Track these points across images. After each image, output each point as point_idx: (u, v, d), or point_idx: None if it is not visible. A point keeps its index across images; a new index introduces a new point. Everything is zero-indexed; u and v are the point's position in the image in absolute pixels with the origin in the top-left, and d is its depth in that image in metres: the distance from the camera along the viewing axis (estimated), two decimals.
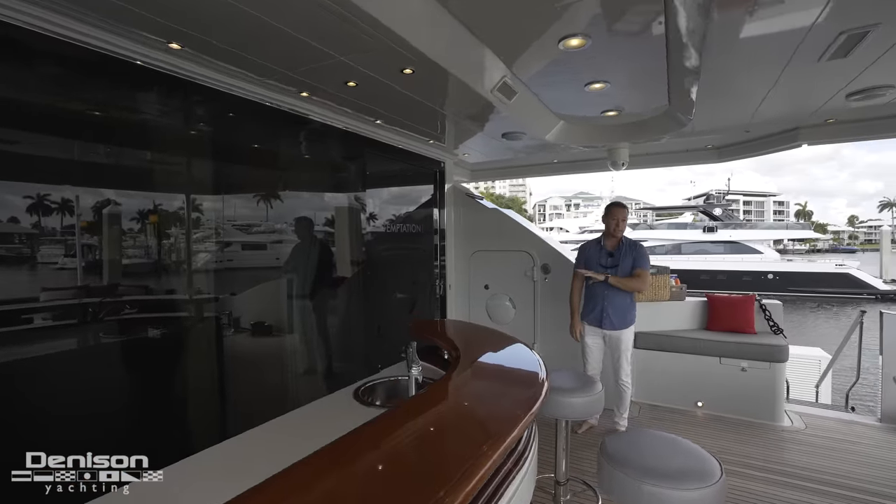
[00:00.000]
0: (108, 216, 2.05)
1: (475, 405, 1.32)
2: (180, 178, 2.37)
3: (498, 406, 1.31)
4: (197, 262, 2.45)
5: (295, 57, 2.16)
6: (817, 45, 2.06)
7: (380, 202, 3.96)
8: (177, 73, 2.13)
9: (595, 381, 2.30)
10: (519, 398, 1.31)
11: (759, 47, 2.17)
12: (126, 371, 2.11)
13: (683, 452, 1.50)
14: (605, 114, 3.45)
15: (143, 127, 2.20)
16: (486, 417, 1.25)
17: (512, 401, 1.32)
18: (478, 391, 1.44)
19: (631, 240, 3.48)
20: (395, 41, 1.95)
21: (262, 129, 2.83)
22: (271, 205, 3.00)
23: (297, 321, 3.18)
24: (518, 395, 1.36)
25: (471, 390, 1.43)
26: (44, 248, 1.89)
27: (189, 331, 2.40)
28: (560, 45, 2.24)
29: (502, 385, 1.51)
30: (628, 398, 3.55)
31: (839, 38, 1.93)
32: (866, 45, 2.02)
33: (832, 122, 3.47)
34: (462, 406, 1.31)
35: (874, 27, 1.87)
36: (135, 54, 1.96)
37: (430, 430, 1.17)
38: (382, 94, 2.69)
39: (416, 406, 1.24)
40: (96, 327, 2.02)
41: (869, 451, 3.25)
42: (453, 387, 1.42)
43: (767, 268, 25.10)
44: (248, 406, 2.55)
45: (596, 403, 2.19)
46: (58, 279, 1.93)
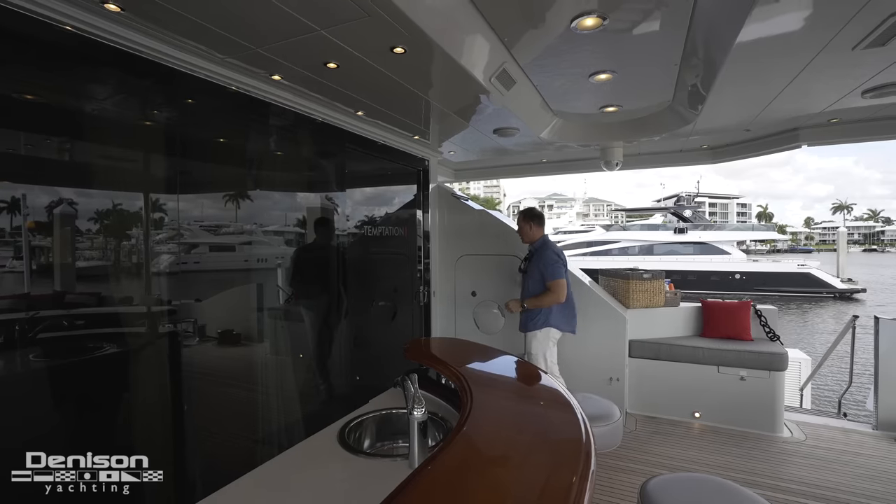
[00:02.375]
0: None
1: (511, 473, 0.99)
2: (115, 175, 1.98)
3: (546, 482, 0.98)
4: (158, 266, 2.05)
5: (265, 30, 1.81)
6: (860, 29, 1.86)
7: (359, 203, 3.62)
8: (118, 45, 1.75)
9: (613, 406, 2.04)
10: (565, 463, 1.00)
11: (788, 41, 1.96)
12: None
13: None
14: (605, 109, 3.23)
15: (76, 112, 1.81)
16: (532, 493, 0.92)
17: (560, 469, 1.00)
18: (508, 448, 1.12)
19: (543, 243, 3.41)
20: (387, 9, 1.63)
21: (225, 118, 2.45)
22: (238, 205, 2.62)
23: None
24: (562, 457, 1.04)
25: (499, 448, 1.11)
26: None
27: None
28: (573, 25, 1.97)
29: (537, 440, 1.17)
30: None
31: (890, 19, 1.73)
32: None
33: (836, 122, 3.36)
34: (496, 482, 0.98)
35: None
36: (63, 17, 1.57)
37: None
38: (367, 80, 2.35)
39: (430, 483, 0.90)
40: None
41: (875, 464, 3.14)
42: (474, 448, 1.09)
43: (735, 268, 25.95)
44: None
45: (616, 432, 1.94)
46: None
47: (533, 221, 3.49)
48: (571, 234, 34.14)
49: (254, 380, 2.70)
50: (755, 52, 2.12)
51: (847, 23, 1.78)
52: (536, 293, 3.31)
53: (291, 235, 3.01)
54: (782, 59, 2.21)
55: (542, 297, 3.25)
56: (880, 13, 1.71)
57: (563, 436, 1.12)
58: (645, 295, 4.16)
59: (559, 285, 3.20)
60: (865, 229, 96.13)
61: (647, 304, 4.16)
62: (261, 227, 2.79)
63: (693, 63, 2.42)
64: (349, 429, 1.53)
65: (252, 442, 2.56)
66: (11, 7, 1.46)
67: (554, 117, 3.39)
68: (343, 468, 1.29)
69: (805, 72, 2.33)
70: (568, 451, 1.02)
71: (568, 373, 3.96)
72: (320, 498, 1.15)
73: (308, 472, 1.26)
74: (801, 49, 2.10)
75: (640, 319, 4.10)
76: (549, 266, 3.25)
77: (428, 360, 1.79)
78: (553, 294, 3.20)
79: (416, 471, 0.88)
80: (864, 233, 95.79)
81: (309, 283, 3.15)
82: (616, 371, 3.84)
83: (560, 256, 3.32)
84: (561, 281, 3.21)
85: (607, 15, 1.92)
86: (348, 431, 1.51)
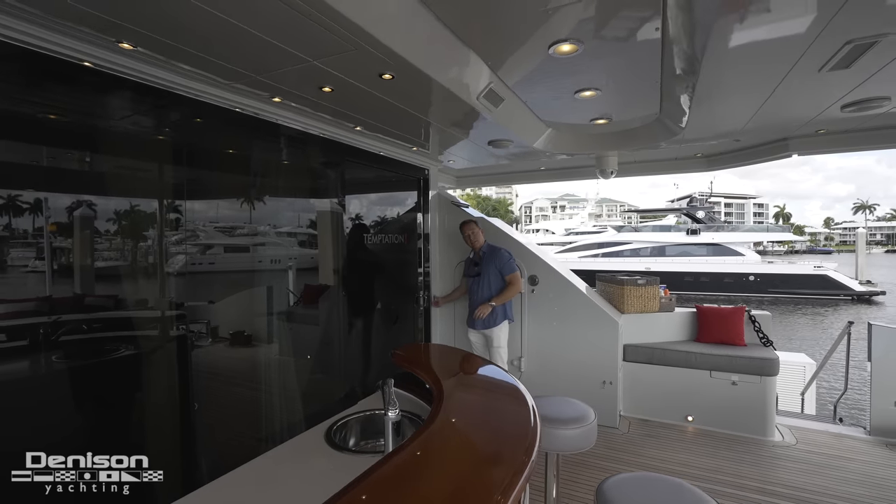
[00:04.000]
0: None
1: (457, 467, 1.15)
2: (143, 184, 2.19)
3: (485, 469, 1.14)
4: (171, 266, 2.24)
5: (264, 60, 1.97)
6: (822, 54, 1.95)
7: (360, 211, 3.79)
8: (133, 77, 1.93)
9: (587, 409, 2.16)
10: (508, 455, 1.14)
11: (759, 56, 2.06)
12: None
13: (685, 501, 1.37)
14: (595, 122, 3.33)
15: (107, 133, 2.02)
16: (469, 486, 1.08)
17: (502, 460, 1.16)
18: (461, 446, 1.27)
19: (491, 247, 3.88)
20: (372, 44, 1.78)
21: (232, 135, 2.63)
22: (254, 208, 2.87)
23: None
24: (509, 450, 1.19)
25: (453, 446, 1.26)
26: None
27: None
28: (550, 51, 2.10)
29: (489, 435, 1.33)
30: None
31: (845, 47, 1.83)
32: (870, 55, 1.93)
33: (823, 132, 3.41)
34: (443, 470, 1.13)
35: (883, 37, 1.77)
36: (82, 55, 1.75)
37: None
38: (361, 101, 2.51)
39: (390, 472, 1.06)
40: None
41: (865, 469, 3.19)
42: (433, 440, 1.24)
43: (749, 269, 25.56)
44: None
45: (590, 434, 2.05)
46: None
47: (479, 227, 3.94)
48: (583, 234, 34.01)
49: (260, 379, 2.88)
50: (729, 69, 2.22)
51: (807, 49, 1.88)
52: (496, 290, 3.74)
53: (298, 237, 3.27)
54: (756, 76, 2.31)
55: (506, 292, 3.69)
56: (836, 41, 1.81)
57: (513, 433, 1.26)
58: (639, 300, 4.24)
59: (518, 278, 3.73)
60: (889, 230, 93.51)
61: (642, 309, 4.24)
62: (274, 228, 3.08)
63: (673, 79, 2.52)
64: (336, 428, 1.68)
65: (256, 440, 2.74)
66: (43, 51, 1.65)
67: (546, 129, 3.51)
68: (327, 463, 1.45)
69: (780, 89, 2.42)
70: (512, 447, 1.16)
71: (560, 376, 4.09)
72: (302, 488, 1.30)
73: (294, 467, 1.42)
74: (772, 68, 2.19)
75: (634, 324, 4.19)
76: (506, 263, 3.74)
77: (411, 366, 1.94)
78: (514, 286, 3.70)
79: (372, 466, 1.03)
80: (887, 233, 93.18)
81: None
82: (609, 375, 3.93)
83: (510, 254, 3.83)
84: (517, 274, 3.74)
85: (583, 41, 2.04)
86: (335, 430, 1.67)
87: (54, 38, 1.65)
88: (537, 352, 4.23)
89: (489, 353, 3.83)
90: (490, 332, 3.75)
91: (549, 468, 2.21)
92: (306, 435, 1.63)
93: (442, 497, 1.00)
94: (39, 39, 1.61)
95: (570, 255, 30.51)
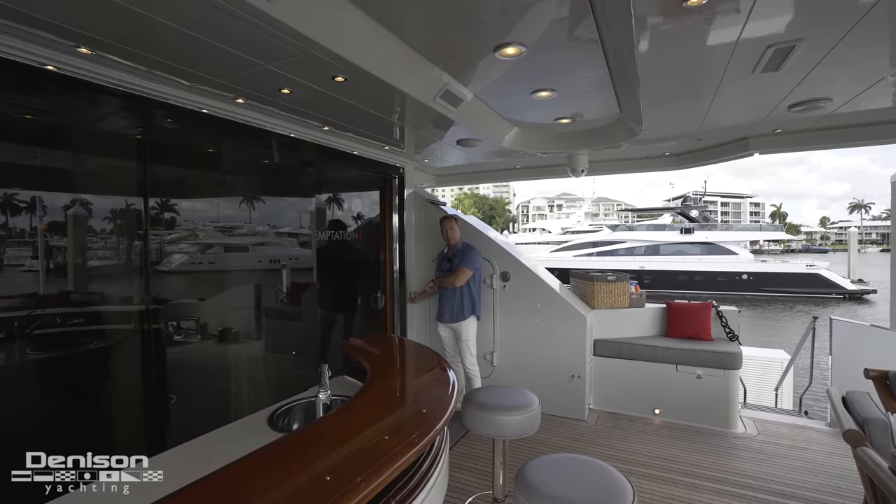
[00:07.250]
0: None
1: (371, 431, 1.26)
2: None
3: (396, 431, 1.25)
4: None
5: (218, 64, 2.06)
6: (750, 57, 2.05)
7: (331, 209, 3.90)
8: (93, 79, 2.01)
9: (531, 397, 2.25)
10: (418, 421, 1.24)
11: (692, 60, 2.15)
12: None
13: (597, 479, 1.46)
14: (559, 121, 3.42)
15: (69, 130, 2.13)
16: (381, 440, 1.18)
17: (411, 423, 1.26)
18: (380, 413, 1.37)
19: (465, 244, 4.01)
20: (319, 50, 1.87)
21: (198, 134, 2.73)
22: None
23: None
24: (418, 418, 1.29)
25: (371, 415, 1.36)
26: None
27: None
28: (496, 54, 2.19)
29: (407, 407, 1.44)
30: (476, 383, 3.90)
31: (767, 51, 1.92)
32: (795, 59, 2.02)
33: (780, 132, 3.51)
34: (353, 432, 1.24)
35: (800, 42, 1.87)
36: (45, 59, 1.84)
37: (312, 458, 1.11)
38: (320, 102, 2.60)
39: (309, 434, 1.17)
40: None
41: (817, 458, 3.29)
42: (355, 411, 1.35)
43: (742, 268, 25.75)
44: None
45: (532, 421, 2.14)
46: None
47: (458, 225, 4.05)
48: (578, 234, 34.15)
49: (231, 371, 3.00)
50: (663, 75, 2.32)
51: (732, 53, 1.97)
52: (467, 287, 3.87)
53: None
54: (694, 80, 2.41)
55: (448, 278, 3.85)
56: (759, 45, 1.90)
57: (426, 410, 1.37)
58: (609, 296, 4.34)
59: (465, 273, 3.81)
60: (884, 229, 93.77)
61: (612, 304, 4.34)
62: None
63: (624, 82, 2.61)
64: (280, 412, 1.77)
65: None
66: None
67: (511, 128, 3.60)
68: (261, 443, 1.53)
69: (721, 91, 2.51)
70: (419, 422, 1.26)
71: (531, 370, 4.18)
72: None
73: (231, 447, 1.50)
74: (706, 73, 2.29)
75: (605, 320, 4.29)
76: (466, 257, 3.87)
77: (354, 353, 2.03)
78: (457, 277, 3.79)
79: (278, 439, 1.13)
80: (882, 232, 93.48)
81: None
82: (577, 369, 4.03)
83: (479, 254, 3.99)
84: (468, 270, 3.82)
85: (525, 44, 2.13)
86: (278, 415, 1.76)
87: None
88: (509, 346, 4.32)
89: (458, 346, 3.94)
90: (458, 326, 3.89)
91: (496, 455, 2.30)
92: (249, 418, 1.72)
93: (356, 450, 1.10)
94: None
95: (566, 253, 30.67)
